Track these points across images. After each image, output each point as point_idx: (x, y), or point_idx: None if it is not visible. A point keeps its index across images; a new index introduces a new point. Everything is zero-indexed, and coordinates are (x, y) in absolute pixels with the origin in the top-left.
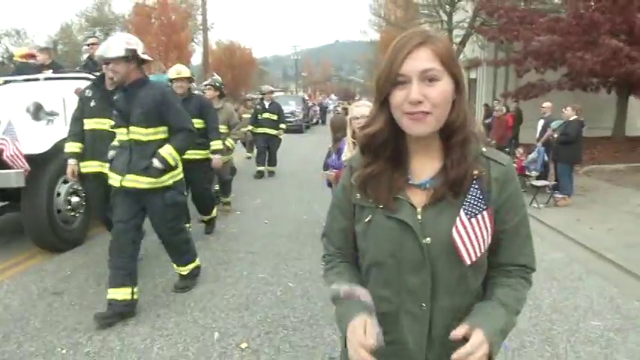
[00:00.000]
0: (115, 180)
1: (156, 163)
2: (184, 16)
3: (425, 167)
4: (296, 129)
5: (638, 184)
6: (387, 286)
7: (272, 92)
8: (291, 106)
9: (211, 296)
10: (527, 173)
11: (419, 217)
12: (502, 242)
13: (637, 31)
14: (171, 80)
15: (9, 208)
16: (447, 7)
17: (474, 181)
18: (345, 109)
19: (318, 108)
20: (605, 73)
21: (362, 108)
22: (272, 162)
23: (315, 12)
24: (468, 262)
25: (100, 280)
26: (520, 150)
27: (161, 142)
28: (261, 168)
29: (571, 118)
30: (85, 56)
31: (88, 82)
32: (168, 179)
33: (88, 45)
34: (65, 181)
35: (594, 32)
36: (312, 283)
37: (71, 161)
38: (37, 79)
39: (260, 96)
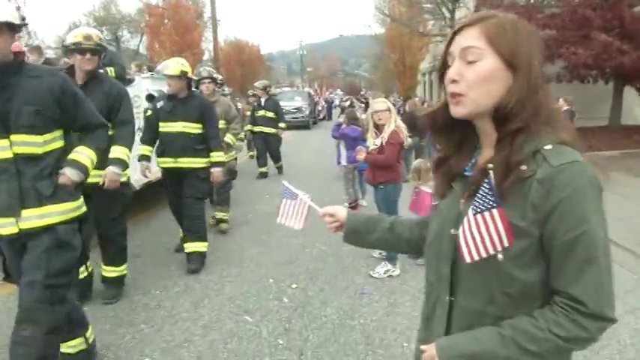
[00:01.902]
0: (4, 227)
1: (69, 173)
2: (195, 15)
3: (484, 157)
4: (303, 125)
5: (629, 168)
6: (431, 270)
7: (267, 88)
8: (297, 102)
9: (261, 255)
10: None
11: (460, 207)
12: (551, 261)
13: (627, 25)
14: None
15: None
16: (450, 4)
17: (487, 176)
18: (352, 103)
19: (324, 103)
20: (599, 66)
21: (379, 104)
22: (275, 159)
23: (319, 6)
24: (468, 259)
25: (168, 246)
26: None
27: (60, 154)
28: (263, 169)
29: (563, 109)
30: None
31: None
32: (81, 206)
33: None
34: None
35: (588, 27)
36: (341, 247)
37: None
38: None
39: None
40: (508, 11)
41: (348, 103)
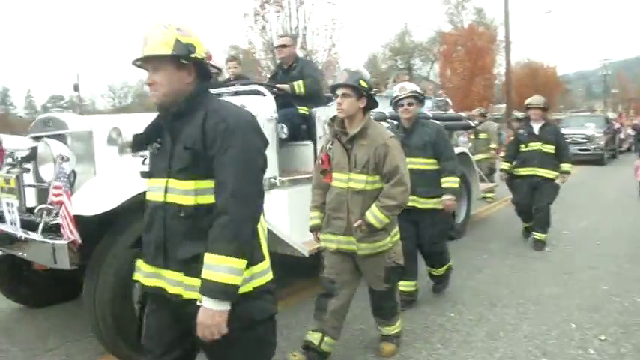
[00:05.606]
0: None
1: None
2: (488, 40)
3: None
4: (595, 159)
5: None
6: None
7: (544, 108)
8: (587, 130)
9: (560, 296)
10: None
11: None
12: None
13: None
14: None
15: None
16: None
17: None
18: None
19: (631, 131)
20: None
21: None
22: (541, 223)
23: (628, 19)
24: None
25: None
26: None
27: None
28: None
29: None
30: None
31: (263, 100)
32: None
33: (277, 47)
34: None
35: None
36: None
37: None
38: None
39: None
40: None
41: None
